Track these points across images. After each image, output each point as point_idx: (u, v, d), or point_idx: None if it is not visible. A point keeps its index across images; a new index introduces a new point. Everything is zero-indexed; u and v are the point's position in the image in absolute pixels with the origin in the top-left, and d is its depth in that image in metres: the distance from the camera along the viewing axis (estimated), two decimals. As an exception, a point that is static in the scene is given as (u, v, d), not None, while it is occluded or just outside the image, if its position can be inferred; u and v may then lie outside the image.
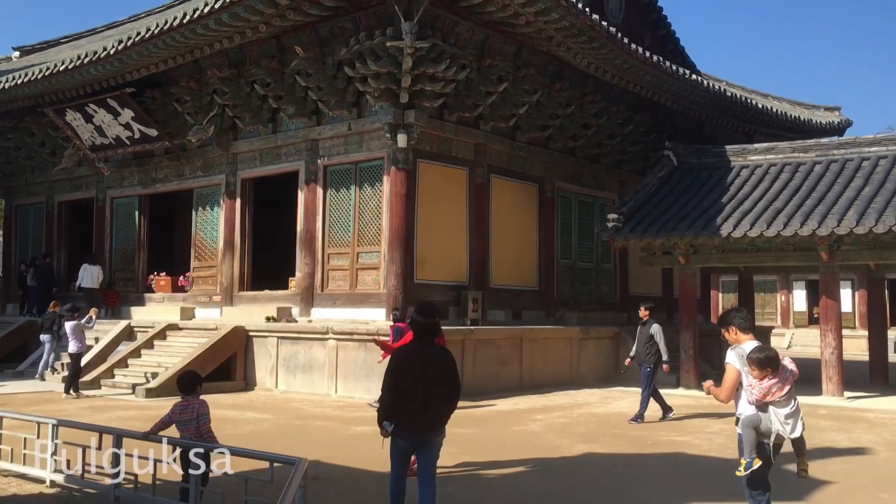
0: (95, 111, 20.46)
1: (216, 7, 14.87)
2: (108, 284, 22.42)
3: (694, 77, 20.55)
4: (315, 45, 16.88)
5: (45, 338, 18.61)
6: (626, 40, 17.32)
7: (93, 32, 27.07)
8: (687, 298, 18.64)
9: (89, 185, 23.96)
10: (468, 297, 17.48)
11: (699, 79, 20.99)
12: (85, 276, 21.77)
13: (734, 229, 16.59)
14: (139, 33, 16.71)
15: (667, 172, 20.01)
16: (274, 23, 15.66)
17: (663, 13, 23.95)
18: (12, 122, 23.36)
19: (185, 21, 15.58)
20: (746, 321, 6.04)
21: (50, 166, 24.59)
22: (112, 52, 17.41)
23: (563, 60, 17.88)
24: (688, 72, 20.42)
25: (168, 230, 24.44)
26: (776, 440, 5.79)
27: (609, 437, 11.56)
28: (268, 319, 17.80)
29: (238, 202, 19.94)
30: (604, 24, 16.48)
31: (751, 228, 16.38)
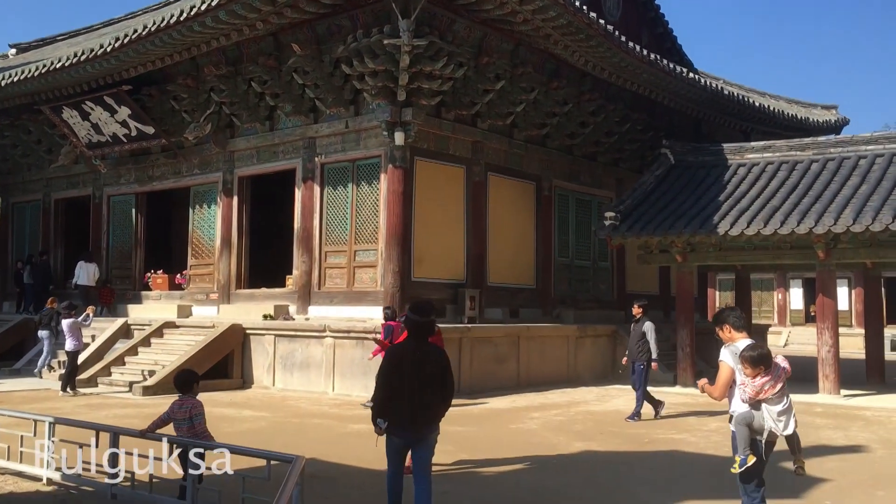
0: (92, 109, 20.42)
1: (213, 4, 14.84)
2: (104, 282, 22.40)
3: (691, 75, 20.56)
4: (312, 43, 16.86)
5: (43, 334, 18.59)
6: (623, 38, 17.32)
7: (89, 30, 27.00)
8: (684, 296, 18.66)
9: (86, 183, 23.92)
10: (465, 296, 17.48)
11: (696, 77, 21.01)
12: (81, 274, 21.76)
13: (731, 227, 16.60)
14: (136, 31, 16.68)
15: (664, 170, 20.03)
16: (271, 20, 15.64)
17: (660, 11, 23.94)
18: (9, 120, 23.31)
19: (182, 18, 15.55)
20: (740, 320, 6.10)
21: (46, 164, 24.55)
22: (109, 50, 17.38)
23: (561, 58, 17.89)
24: (685, 70, 20.43)
25: (165, 228, 24.44)
26: (769, 437, 5.85)
27: (606, 435, 11.57)
28: (265, 317, 17.79)
29: (235, 200, 19.92)
30: (601, 21, 16.48)
31: (748, 227, 16.40)
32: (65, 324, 16.10)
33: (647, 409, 13.06)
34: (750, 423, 5.81)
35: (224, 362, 17.23)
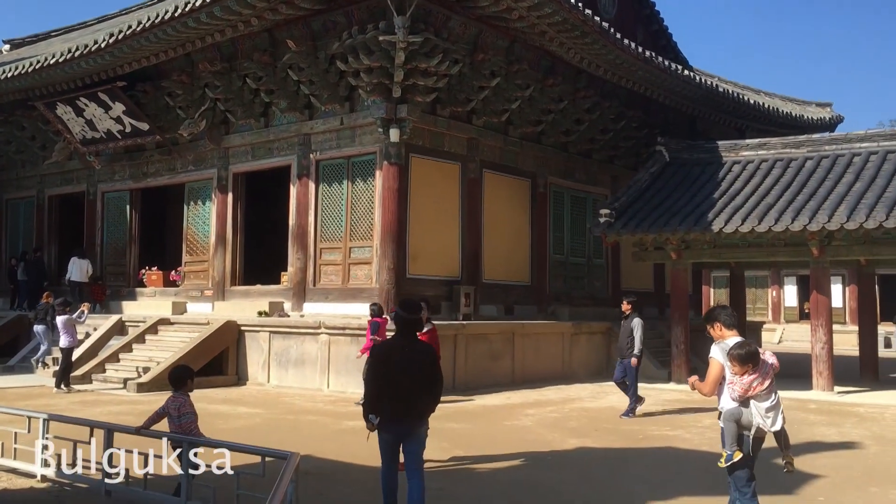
0: (86, 105, 20.36)
1: (208, 0, 14.81)
2: (95, 279, 22.31)
3: (686, 73, 20.59)
4: (307, 39, 16.83)
5: (38, 328, 18.57)
6: (618, 35, 17.32)
7: (84, 26, 26.91)
8: (679, 293, 18.69)
9: (80, 179, 23.86)
10: (460, 292, 17.49)
11: (692, 74, 21.04)
12: (73, 270, 21.71)
13: (726, 224, 16.64)
14: (130, 27, 16.63)
15: (659, 168, 20.05)
16: (266, 16, 15.60)
17: (656, 8, 23.97)
18: (2, 116, 23.22)
19: (176, 14, 15.50)
20: (731, 318, 6.18)
21: (40, 160, 24.48)
22: (103, 46, 17.33)
23: (556, 55, 17.89)
24: (680, 67, 20.45)
25: (159, 224, 24.39)
26: (757, 433, 5.93)
27: (601, 432, 11.59)
28: (260, 314, 17.77)
29: (230, 196, 19.89)
30: (596, 19, 16.48)
31: (742, 224, 16.43)
32: (59, 320, 16.06)
33: (644, 406, 13.10)
34: (738, 420, 5.91)
35: (219, 359, 17.21)
